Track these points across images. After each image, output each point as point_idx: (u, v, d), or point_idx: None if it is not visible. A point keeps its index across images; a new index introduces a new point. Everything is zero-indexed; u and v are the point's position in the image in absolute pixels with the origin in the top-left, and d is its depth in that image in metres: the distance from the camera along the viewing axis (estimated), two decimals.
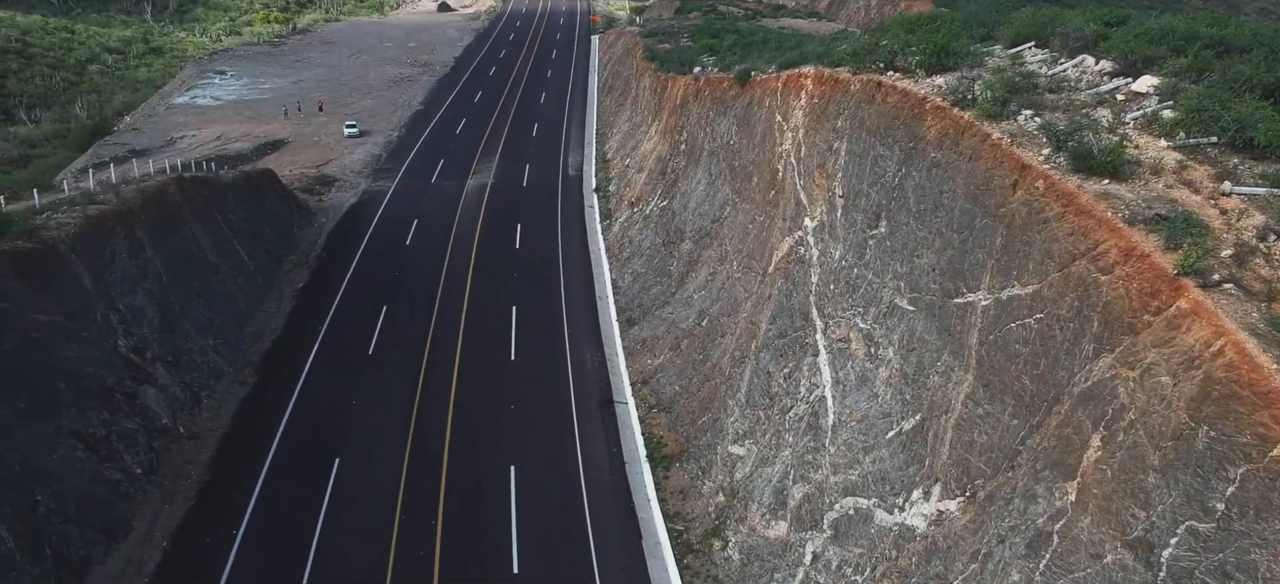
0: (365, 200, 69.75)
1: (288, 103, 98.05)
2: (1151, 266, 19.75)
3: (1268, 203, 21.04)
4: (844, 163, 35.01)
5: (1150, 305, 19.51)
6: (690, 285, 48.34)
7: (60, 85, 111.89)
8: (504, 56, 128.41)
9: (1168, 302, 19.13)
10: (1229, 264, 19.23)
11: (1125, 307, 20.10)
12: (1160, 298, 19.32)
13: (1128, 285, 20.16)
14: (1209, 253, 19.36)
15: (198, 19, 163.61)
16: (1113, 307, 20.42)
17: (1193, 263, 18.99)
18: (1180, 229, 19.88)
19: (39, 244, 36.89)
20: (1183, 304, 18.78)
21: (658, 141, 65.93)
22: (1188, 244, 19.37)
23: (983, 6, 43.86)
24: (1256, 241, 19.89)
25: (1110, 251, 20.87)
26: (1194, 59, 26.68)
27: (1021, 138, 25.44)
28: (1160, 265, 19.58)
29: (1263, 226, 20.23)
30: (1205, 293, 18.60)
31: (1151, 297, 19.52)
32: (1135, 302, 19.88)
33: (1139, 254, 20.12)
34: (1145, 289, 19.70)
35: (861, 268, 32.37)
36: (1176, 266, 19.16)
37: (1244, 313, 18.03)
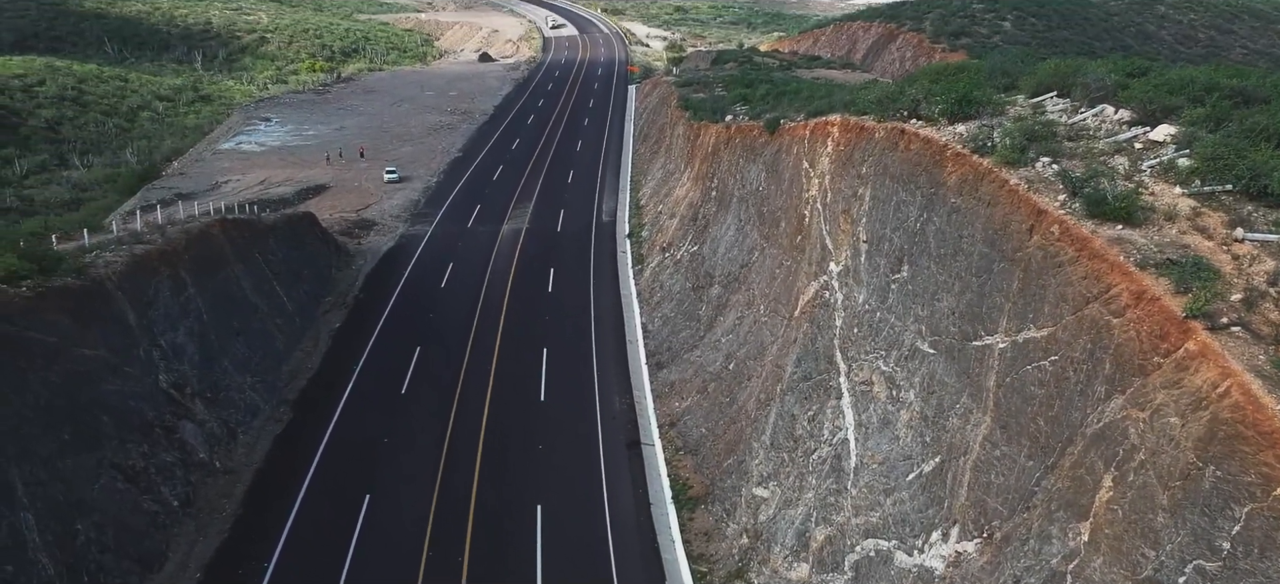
0: (402, 244, 71.15)
1: (330, 149, 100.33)
2: (1161, 309, 20.06)
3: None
4: (868, 208, 35.54)
5: (1160, 347, 19.80)
6: (718, 329, 48.84)
7: (112, 131, 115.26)
8: (542, 105, 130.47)
9: (1177, 344, 19.42)
10: (1238, 308, 19.49)
11: (1136, 348, 20.40)
12: (1169, 340, 19.61)
13: (1138, 328, 20.46)
14: (1218, 296, 19.66)
15: (246, 68, 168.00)
16: (1124, 349, 20.72)
17: (1201, 306, 19.28)
18: (1190, 273, 20.19)
19: (87, 281, 38.22)
20: (1191, 346, 19.07)
21: (690, 188, 66.80)
22: (1197, 288, 19.66)
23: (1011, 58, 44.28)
24: (1267, 286, 20.13)
25: (1122, 295, 21.20)
26: (1212, 109, 27.00)
27: (1038, 184, 25.88)
28: (1170, 308, 19.89)
29: (1273, 272, 20.48)
30: (1213, 335, 18.88)
31: (1161, 339, 19.81)
32: (1145, 344, 20.18)
33: (1149, 297, 20.45)
34: (1155, 331, 20.00)
35: (884, 311, 32.76)
36: (1185, 309, 19.47)
37: (1251, 355, 18.29)
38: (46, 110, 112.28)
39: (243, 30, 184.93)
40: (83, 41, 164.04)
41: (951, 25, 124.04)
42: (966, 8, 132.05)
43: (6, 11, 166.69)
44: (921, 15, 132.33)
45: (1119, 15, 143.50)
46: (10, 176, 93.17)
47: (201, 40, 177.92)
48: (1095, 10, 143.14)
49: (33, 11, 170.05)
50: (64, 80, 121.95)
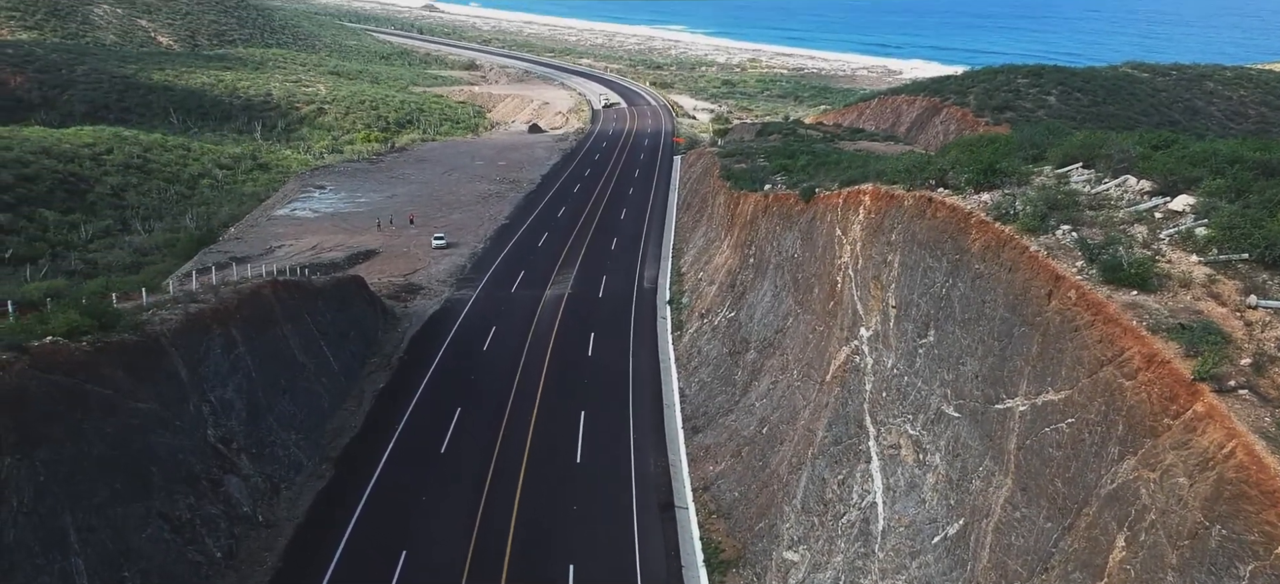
0: (447, 307, 72.73)
1: (381, 216, 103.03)
2: (1171, 372, 20.47)
3: None
4: (897, 274, 36.16)
5: (1170, 409, 20.18)
6: (753, 393, 49.35)
7: (174, 198, 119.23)
8: (588, 174, 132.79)
9: (1185, 406, 19.81)
10: (1247, 371, 19.86)
11: (1147, 410, 20.78)
12: (1179, 402, 20.00)
13: (1149, 390, 20.86)
14: (1227, 360, 20.08)
15: (303, 138, 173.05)
16: (1136, 410, 21.10)
17: (1209, 369, 19.69)
18: (1199, 337, 20.62)
19: (143, 338, 39.84)
20: (1199, 408, 19.45)
21: (729, 255, 67.74)
22: (1205, 351, 20.09)
23: (1041, 130, 44.93)
24: (1277, 351, 20.50)
25: (1134, 358, 21.63)
26: (1232, 180, 27.43)
27: (1057, 250, 26.42)
28: (1179, 371, 20.30)
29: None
30: (1221, 397, 19.27)
31: (1171, 401, 20.20)
32: (1156, 406, 20.56)
33: (1160, 360, 20.86)
34: (1165, 394, 20.40)
35: (912, 376, 33.20)
36: (1194, 372, 19.89)
37: (1257, 417, 18.64)
38: (113, 177, 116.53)
39: (302, 101, 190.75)
40: (150, 112, 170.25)
41: (995, 99, 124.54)
42: (1011, 82, 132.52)
43: (81, 84, 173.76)
44: (965, 89, 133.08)
45: (1167, 91, 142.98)
46: (76, 241, 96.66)
47: (262, 111, 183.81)
48: (1142, 85, 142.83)
49: (105, 84, 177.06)
50: (130, 149, 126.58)
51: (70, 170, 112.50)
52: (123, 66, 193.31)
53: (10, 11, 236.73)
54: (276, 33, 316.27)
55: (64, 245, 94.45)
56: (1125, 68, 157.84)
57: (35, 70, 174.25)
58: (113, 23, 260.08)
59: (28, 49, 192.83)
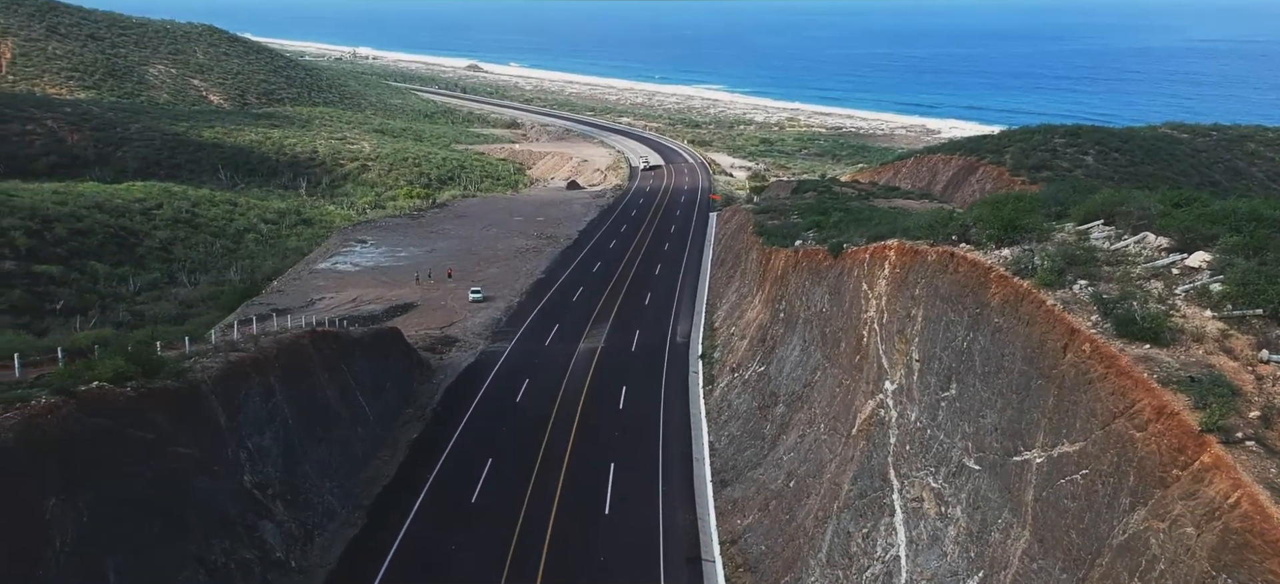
0: (482, 360, 73.80)
1: (420, 270, 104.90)
2: (1180, 424, 20.74)
3: None
4: (920, 328, 36.55)
5: (1178, 460, 20.43)
6: (781, 447, 49.61)
7: (219, 251, 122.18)
8: (624, 230, 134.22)
9: (1193, 456, 20.06)
10: (1255, 423, 20.10)
11: (1157, 461, 21.03)
12: (1187, 453, 20.26)
13: (1159, 442, 21.13)
14: (1235, 412, 20.34)
15: (347, 194, 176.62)
16: (1146, 462, 21.35)
17: (1216, 420, 19.97)
18: (1208, 390, 20.90)
19: (184, 385, 41.09)
20: (1206, 459, 19.70)
21: (760, 310, 68.28)
22: (1213, 403, 20.35)
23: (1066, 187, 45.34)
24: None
25: (1145, 410, 21.91)
26: (1249, 237, 27.69)
27: (1073, 305, 26.79)
28: (1188, 423, 20.57)
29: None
30: (1227, 448, 19.51)
31: (1180, 452, 20.46)
32: (1166, 457, 20.82)
33: (1169, 412, 21.15)
34: (1174, 445, 20.66)
35: (934, 428, 33.47)
36: (1201, 424, 20.16)
37: (1263, 468, 18.87)
38: (162, 231, 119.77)
39: (346, 158, 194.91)
40: (199, 168, 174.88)
41: (1032, 158, 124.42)
42: (1048, 142, 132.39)
43: (135, 141, 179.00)
44: (1002, 148, 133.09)
45: (1207, 151, 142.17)
46: (125, 293, 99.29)
47: (308, 167, 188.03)
48: (1182, 146, 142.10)
49: (157, 141, 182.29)
50: (180, 203, 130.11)
51: (121, 224, 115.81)
52: (175, 124, 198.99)
53: (71, 73, 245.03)
54: (323, 91, 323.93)
55: (113, 297, 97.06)
56: (1165, 128, 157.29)
57: (92, 128, 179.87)
58: (167, 82, 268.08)
59: (86, 108, 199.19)
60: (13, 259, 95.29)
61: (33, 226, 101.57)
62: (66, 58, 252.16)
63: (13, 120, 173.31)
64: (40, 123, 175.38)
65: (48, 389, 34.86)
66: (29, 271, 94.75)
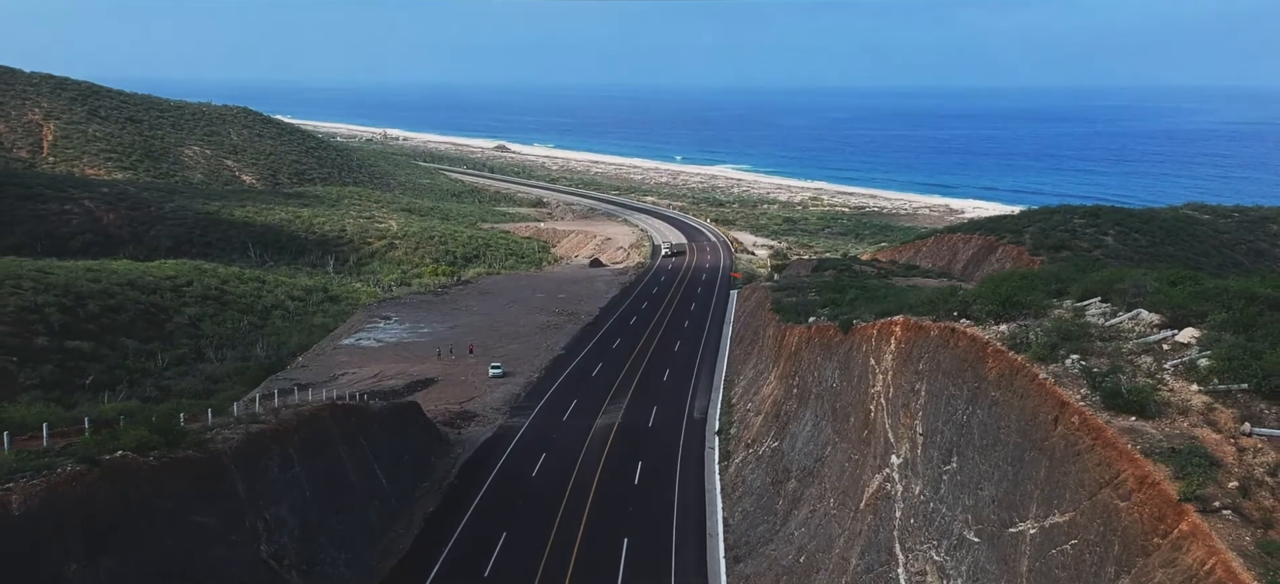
0: (500, 434, 74.60)
1: (441, 345, 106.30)
2: (1161, 494, 21.29)
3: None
4: (924, 402, 37.14)
5: (1159, 529, 20.95)
6: (792, 522, 49.87)
7: (247, 328, 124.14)
8: (645, 308, 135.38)
9: (1173, 525, 20.58)
10: (1233, 493, 20.65)
11: (1139, 530, 21.53)
12: (1167, 522, 20.78)
13: (1142, 511, 21.65)
14: (1213, 482, 20.88)
15: (374, 271, 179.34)
16: (1129, 530, 21.85)
17: (1195, 490, 20.52)
18: (1188, 460, 21.46)
19: (205, 454, 42.17)
20: (1184, 527, 20.22)
21: (775, 386, 68.85)
22: (1191, 473, 20.91)
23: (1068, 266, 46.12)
24: (1265, 476, 21.27)
25: (1129, 480, 22.47)
26: (1238, 314, 28.34)
27: (1064, 378, 27.44)
28: (1168, 493, 21.12)
29: (1274, 463, 21.65)
30: (1205, 517, 20.04)
31: (1160, 521, 20.98)
32: (1147, 526, 21.33)
33: (1151, 482, 21.71)
34: (1155, 514, 21.19)
35: (937, 502, 33.89)
36: (1180, 493, 20.70)
37: (1237, 536, 19.37)
38: (191, 308, 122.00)
39: (374, 237, 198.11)
40: (230, 246, 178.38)
41: (1051, 238, 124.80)
42: (1067, 222, 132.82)
43: (169, 220, 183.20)
44: (1021, 228, 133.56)
45: (1229, 233, 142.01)
46: (153, 368, 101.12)
47: (336, 245, 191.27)
48: (1204, 227, 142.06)
49: (190, 220, 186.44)
50: (209, 281, 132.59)
51: (152, 301, 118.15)
52: (207, 203, 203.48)
53: (110, 154, 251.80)
54: (353, 172, 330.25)
55: (141, 372, 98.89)
56: (1186, 209, 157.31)
57: (127, 207, 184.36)
58: (201, 163, 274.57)
59: (122, 188, 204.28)
60: (46, 335, 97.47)
61: (66, 303, 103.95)
62: (106, 140, 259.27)
63: (51, 200, 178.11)
64: (77, 202, 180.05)
65: (73, 458, 36.02)
66: (61, 347, 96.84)
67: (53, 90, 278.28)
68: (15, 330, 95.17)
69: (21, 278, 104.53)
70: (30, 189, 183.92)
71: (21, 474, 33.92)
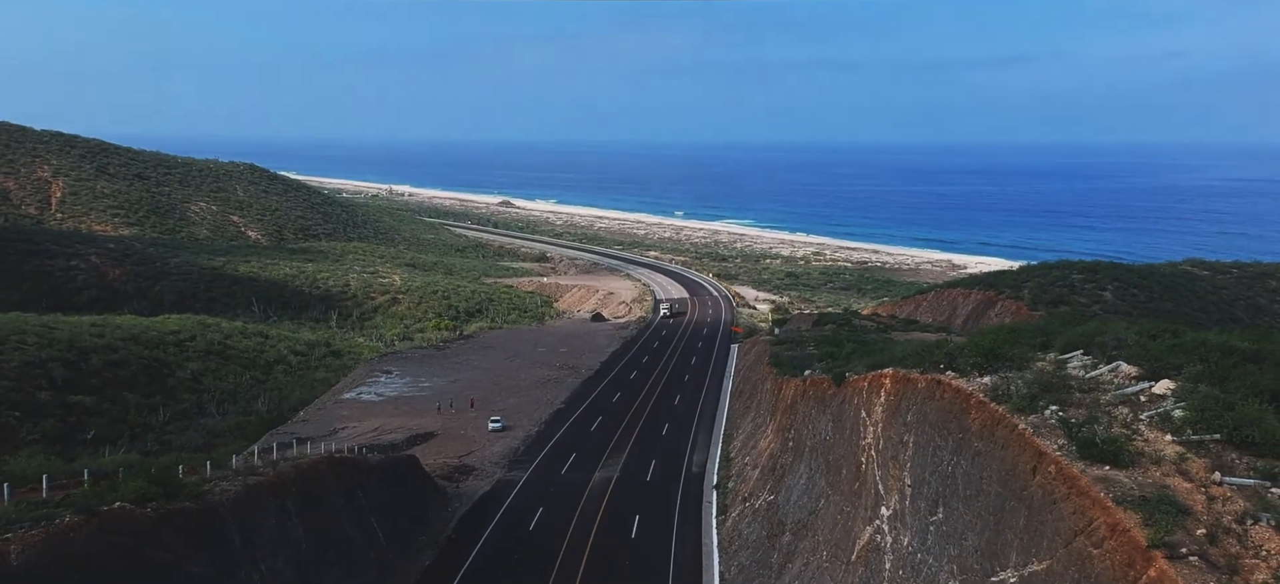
0: (498, 488, 74.85)
1: (442, 399, 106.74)
2: (1131, 541, 21.75)
3: (1255, 493, 22.91)
4: (912, 454, 37.61)
5: (1128, 575, 21.39)
6: (786, 576, 50.02)
7: (248, 383, 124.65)
8: (646, 362, 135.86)
9: (1141, 572, 21.03)
10: (1201, 540, 21.10)
11: (1111, 577, 21.97)
12: (1136, 568, 21.23)
13: (1113, 558, 22.11)
14: (1183, 529, 21.35)
15: (377, 326, 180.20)
16: (1101, 577, 22.29)
17: (1162, 537, 20.99)
18: (1157, 508, 21.95)
19: (203, 506, 42.62)
20: (1152, 573, 20.68)
21: (771, 439, 69.19)
22: (1159, 521, 21.41)
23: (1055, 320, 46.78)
24: (1233, 524, 21.73)
25: (1101, 528, 22.95)
26: (1213, 365, 28.95)
27: (1043, 429, 27.98)
28: (1138, 539, 21.58)
29: (1242, 512, 22.11)
30: (1171, 563, 20.49)
31: (1130, 566, 21.43)
32: (1118, 572, 21.78)
33: (1122, 530, 22.18)
34: (1125, 561, 21.64)
35: (924, 553, 34.24)
36: (1148, 540, 21.17)
37: (1202, 581, 19.81)
38: (193, 363, 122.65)
39: (377, 292, 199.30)
40: (234, 301, 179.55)
41: (1050, 293, 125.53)
42: (1066, 277, 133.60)
43: (174, 275, 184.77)
44: (1021, 283, 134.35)
45: (1227, 288, 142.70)
46: (154, 423, 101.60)
47: (339, 300, 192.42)
48: (1202, 283, 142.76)
49: (195, 275, 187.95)
50: (212, 336, 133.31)
51: (154, 356, 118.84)
52: (212, 259, 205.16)
53: (117, 210, 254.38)
54: (358, 227, 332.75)
55: (143, 427, 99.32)
56: (1185, 265, 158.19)
57: (132, 263, 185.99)
58: (207, 219, 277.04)
59: (128, 244, 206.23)
60: (49, 390, 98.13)
61: (70, 358, 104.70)
62: (113, 196, 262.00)
63: (58, 256, 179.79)
64: (84, 258, 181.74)
65: (72, 509, 36.52)
66: (63, 402, 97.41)
67: (62, 148, 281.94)
68: (18, 385, 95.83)
69: (26, 333, 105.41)
70: (37, 244, 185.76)
71: (20, 524, 34.42)
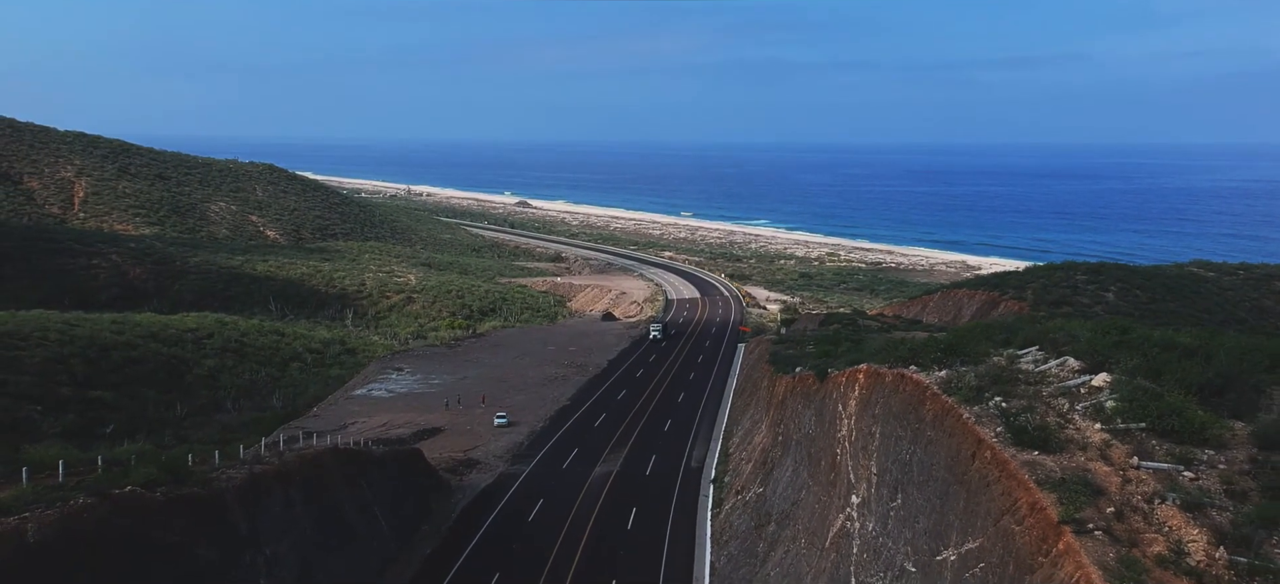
0: (500, 481, 77.04)
1: (450, 396, 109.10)
2: (1046, 518, 23.64)
3: (1168, 476, 24.74)
4: (878, 444, 39.50)
5: (1043, 548, 23.28)
6: (769, 564, 51.96)
7: (264, 380, 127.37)
8: (653, 360, 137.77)
9: (1052, 545, 22.91)
10: (1109, 517, 22.98)
11: (1029, 551, 23.86)
12: (1048, 542, 23.11)
13: (1031, 533, 24.00)
14: (1093, 507, 23.22)
15: (391, 325, 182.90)
16: (1021, 551, 24.18)
17: (1072, 514, 22.87)
18: (1072, 489, 23.82)
19: (210, 491, 44.92)
20: (1061, 546, 22.56)
21: (765, 434, 71.09)
22: (1070, 499, 23.29)
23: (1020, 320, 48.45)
24: (1141, 503, 23.58)
25: (1023, 507, 24.83)
26: (1148, 359, 30.73)
27: (984, 418, 29.85)
28: (1051, 516, 23.47)
29: (1152, 492, 23.96)
30: (1078, 537, 22.37)
31: (1044, 541, 23.32)
32: (1034, 546, 23.67)
33: (1039, 508, 24.07)
34: (1040, 536, 23.53)
35: (885, 537, 36.12)
36: (1060, 517, 23.05)
37: (1103, 553, 21.70)
38: (211, 360, 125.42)
39: (392, 291, 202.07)
40: (252, 300, 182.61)
41: (1052, 294, 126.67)
42: (1070, 278, 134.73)
43: (193, 274, 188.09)
44: (1025, 284, 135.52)
45: (1233, 290, 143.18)
46: (172, 417, 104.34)
47: (355, 299, 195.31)
48: (1208, 284, 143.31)
49: (214, 274, 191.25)
50: (230, 334, 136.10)
51: (173, 353, 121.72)
52: (231, 258, 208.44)
53: (138, 210, 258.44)
54: (376, 227, 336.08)
55: (160, 422, 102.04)
56: (1192, 266, 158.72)
57: (153, 262, 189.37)
58: (226, 219, 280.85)
59: (148, 243, 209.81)
60: (70, 385, 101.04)
61: (90, 355, 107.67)
62: (135, 196, 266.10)
63: (80, 255, 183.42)
64: (105, 257, 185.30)
65: (85, 491, 38.87)
66: (84, 397, 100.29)
67: (85, 148, 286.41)
68: (41, 380, 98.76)
69: (49, 330, 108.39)
70: (60, 243, 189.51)
71: (37, 505, 36.78)
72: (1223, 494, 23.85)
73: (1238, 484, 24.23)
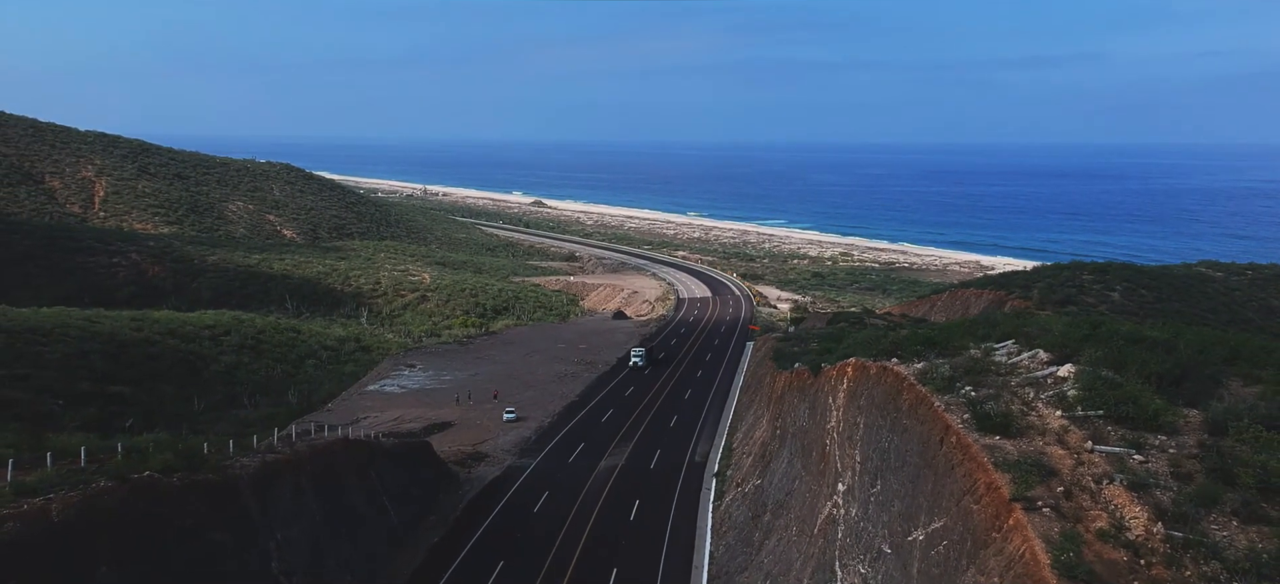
0: (507, 474, 78.93)
1: (460, 392, 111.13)
2: (1000, 496, 25.23)
3: (1119, 459, 26.25)
4: (862, 433, 41.08)
5: (996, 525, 24.86)
6: (763, 551, 53.59)
7: (280, 376, 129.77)
8: (662, 358, 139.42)
9: (1004, 521, 24.49)
10: (1058, 495, 24.54)
11: (984, 527, 25.45)
12: (1001, 519, 24.70)
13: (986, 511, 25.58)
14: (1044, 486, 24.78)
15: (405, 323, 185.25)
16: (978, 528, 25.76)
17: (1022, 493, 24.45)
18: (1025, 470, 25.38)
19: (224, 478, 46.89)
20: (1011, 522, 24.15)
21: (765, 429, 72.69)
22: (1021, 479, 24.86)
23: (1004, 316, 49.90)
24: (1091, 483, 25.12)
25: (980, 487, 26.41)
26: (1111, 351, 32.20)
27: (954, 405, 31.42)
28: (1005, 495, 25.05)
29: (1101, 474, 25.49)
30: (1027, 514, 23.94)
31: (997, 517, 24.91)
32: (989, 522, 25.25)
33: (994, 487, 25.65)
34: (994, 513, 25.11)
35: (866, 521, 37.72)
36: (1011, 495, 24.63)
37: (1048, 528, 23.27)
38: (228, 357, 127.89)
39: (407, 289, 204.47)
40: (268, 298, 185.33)
41: (1058, 293, 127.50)
42: (1076, 278, 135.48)
43: (210, 273, 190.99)
44: (1031, 283, 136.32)
45: (1240, 290, 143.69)
46: (189, 412, 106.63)
47: (370, 298, 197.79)
48: (1215, 284, 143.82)
49: (231, 272, 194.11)
50: (246, 331, 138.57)
51: (190, 349, 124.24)
52: (248, 257, 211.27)
53: (157, 209, 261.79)
54: (391, 226, 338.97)
55: (177, 417, 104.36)
56: (1199, 266, 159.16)
57: (171, 261, 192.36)
58: (244, 218, 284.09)
59: (167, 242, 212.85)
60: (90, 380, 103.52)
61: (110, 350, 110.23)
62: (154, 195, 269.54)
63: (100, 253, 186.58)
64: (125, 256, 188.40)
65: (105, 476, 40.89)
66: (104, 392, 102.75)
67: (105, 148, 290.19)
68: (62, 375, 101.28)
69: (70, 326, 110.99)
70: (81, 242, 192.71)
71: (61, 488, 38.81)
72: (1169, 476, 25.31)
73: (1184, 467, 25.70)
